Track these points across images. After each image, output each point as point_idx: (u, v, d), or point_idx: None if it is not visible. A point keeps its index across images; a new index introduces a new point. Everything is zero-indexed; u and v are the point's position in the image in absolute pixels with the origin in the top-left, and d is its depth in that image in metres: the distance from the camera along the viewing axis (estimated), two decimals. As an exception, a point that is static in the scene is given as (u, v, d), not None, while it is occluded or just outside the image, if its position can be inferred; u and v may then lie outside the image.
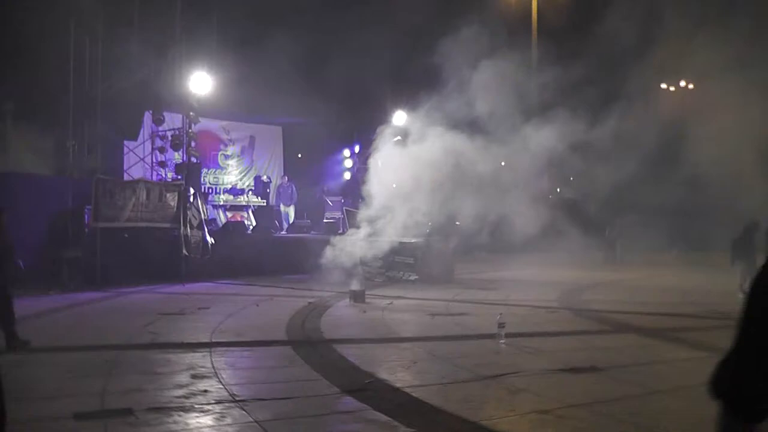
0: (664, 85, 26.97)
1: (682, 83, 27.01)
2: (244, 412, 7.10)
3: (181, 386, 8.12)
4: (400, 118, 29.16)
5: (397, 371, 9.26)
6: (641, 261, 27.45)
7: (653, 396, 8.16)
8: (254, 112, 29.67)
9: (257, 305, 15.85)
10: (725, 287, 18.64)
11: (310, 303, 16.16)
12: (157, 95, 22.57)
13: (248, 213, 27.57)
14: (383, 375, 8.91)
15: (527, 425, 6.97)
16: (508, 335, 11.30)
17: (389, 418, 7.00)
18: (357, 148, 31.80)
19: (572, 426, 6.92)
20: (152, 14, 21.58)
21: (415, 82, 29.38)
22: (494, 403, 7.75)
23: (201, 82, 22.24)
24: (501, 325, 11.34)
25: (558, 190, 23.40)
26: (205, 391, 7.91)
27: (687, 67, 20.99)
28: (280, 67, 24.53)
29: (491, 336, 11.45)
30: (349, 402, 7.64)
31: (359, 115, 29.13)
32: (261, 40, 24.44)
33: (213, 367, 9.22)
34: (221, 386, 8.16)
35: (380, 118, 29.25)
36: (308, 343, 11.39)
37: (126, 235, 20.09)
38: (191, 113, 22.21)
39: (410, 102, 28.55)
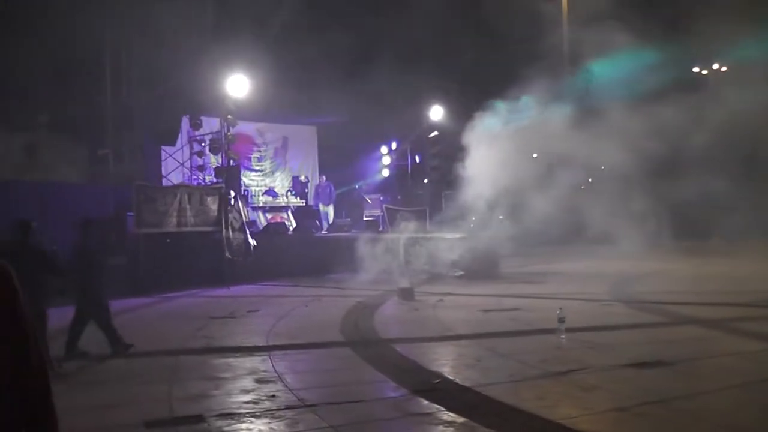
0: (696, 69, 26.51)
1: (715, 66, 26.51)
2: (317, 417, 6.95)
3: (247, 391, 8.00)
4: (436, 112, 29.01)
5: (463, 370, 9.09)
6: (684, 250, 26.95)
7: (728, 391, 7.89)
8: (288, 113, 29.59)
9: (306, 306, 15.75)
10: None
11: (358, 302, 16.01)
12: (194, 100, 22.51)
13: (288, 214, 27.48)
14: (449, 374, 8.74)
15: (608, 424, 6.76)
16: (566, 330, 11.09)
17: (466, 419, 6.83)
18: (394, 145, 31.64)
19: (653, 424, 6.73)
20: (186, 19, 21.49)
21: (451, 76, 29.34)
22: (569, 401, 7.53)
23: (238, 85, 22.10)
24: (561, 320, 11.11)
25: (590, 180, 23.00)
26: (273, 396, 7.77)
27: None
28: (314, 67, 24.47)
29: (549, 331, 11.24)
30: (422, 403, 7.47)
31: (395, 112, 28.95)
32: (294, 41, 24.38)
33: (275, 371, 9.09)
34: (288, 390, 8.03)
35: (416, 113, 29.20)
36: (366, 343, 11.22)
37: (168, 240, 20.03)
38: (229, 116, 22.11)
39: (446, 96, 28.53)
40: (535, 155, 19.66)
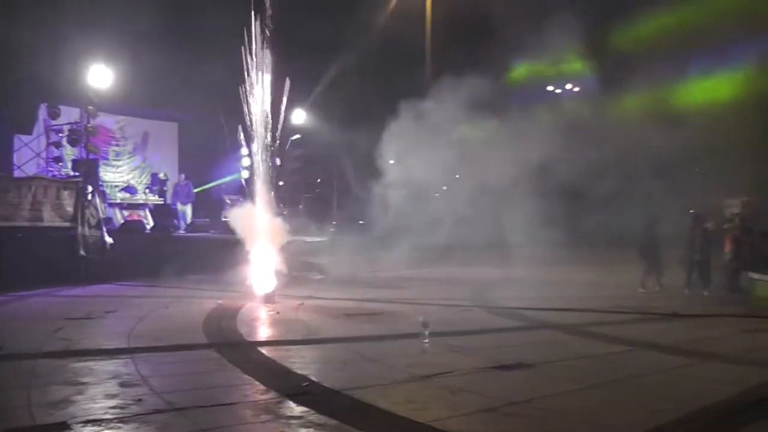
0: (550, 88, 27.47)
1: (568, 86, 27.59)
2: (187, 420, 6.82)
3: (112, 396, 7.74)
4: (298, 116, 28.99)
5: (330, 373, 9.11)
6: (544, 257, 27.83)
7: (589, 390, 8.27)
8: (150, 108, 28.91)
9: (166, 307, 15.45)
10: (627, 282, 19.23)
11: (219, 304, 15.82)
12: (53, 87, 21.62)
13: (146, 212, 26.84)
14: (317, 377, 8.73)
15: (478, 424, 6.91)
16: (429, 334, 11.26)
17: (338, 422, 6.85)
18: (255, 147, 31.30)
19: (522, 423, 6.95)
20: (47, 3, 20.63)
21: (313, 79, 29.33)
22: (438, 403, 7.67)
23: (100, 75, 21.44)
24: (425, 325, 11.26)
25: (444, 187, 23.52)
26: (139, 399, 7.55)
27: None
28: (177, 63, 23.98)
29: (413, 335, 11.33)
30: (292, 406, 7.43)
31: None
32: (158, 34, 23.81)
33: (139, 374, 8.85)
34: (154, 394, 7.82)
35: (277, 114, 29.01)
36: (231, 345, 11.10)
37: (20, 235, 19.18)
38: (90, 107, 21.40)
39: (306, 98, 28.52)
40: (391, 161, 19.98)
